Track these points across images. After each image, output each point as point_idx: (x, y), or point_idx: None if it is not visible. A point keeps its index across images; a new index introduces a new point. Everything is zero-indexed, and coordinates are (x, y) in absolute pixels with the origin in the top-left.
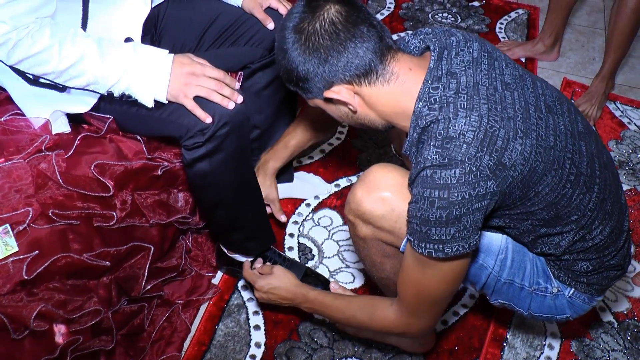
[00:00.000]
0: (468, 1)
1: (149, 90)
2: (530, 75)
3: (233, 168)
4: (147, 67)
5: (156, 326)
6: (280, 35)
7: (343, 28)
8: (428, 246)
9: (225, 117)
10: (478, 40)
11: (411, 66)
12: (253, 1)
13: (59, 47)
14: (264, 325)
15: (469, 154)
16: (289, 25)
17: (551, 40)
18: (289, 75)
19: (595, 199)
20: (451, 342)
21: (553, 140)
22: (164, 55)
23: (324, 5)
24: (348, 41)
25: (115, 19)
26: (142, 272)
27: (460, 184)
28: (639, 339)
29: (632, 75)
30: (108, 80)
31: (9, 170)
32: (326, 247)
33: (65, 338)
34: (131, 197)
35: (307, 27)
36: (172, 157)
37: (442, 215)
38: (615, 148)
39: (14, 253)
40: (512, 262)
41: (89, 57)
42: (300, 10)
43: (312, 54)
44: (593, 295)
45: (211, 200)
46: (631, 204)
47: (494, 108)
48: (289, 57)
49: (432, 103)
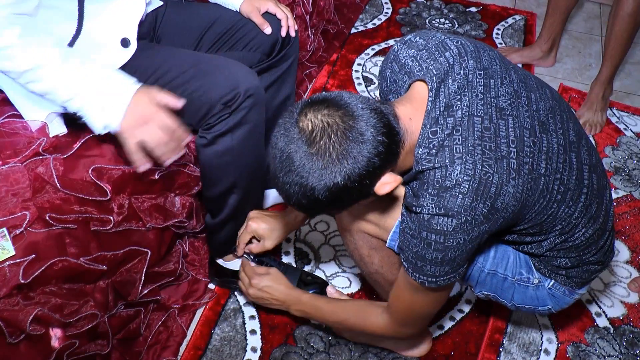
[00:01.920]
0: (465, 7)
1: (101, 118)
2: (525, 84)
3: (251, 145)
4: (105, 95)
5: (152, 330)
6: (304, 179)
7: (357, 126)
8: (422, 277)
9: (252, 89)
10: (473, 52)
11: (410, 115)
12: (251, 5)
13: (22, 47)
14: (260, 329)
15: (465, 204)
16: (313, 165)
17: (548, 46)
18: (334, 202)
19: (581, 208)
20: (448, 347)
21: (544, 166)
22: (128, 85)
23: (323, 125)
24: (372, 131)
25: (111, 20)
26: (139, 276)
27: (456, 232)
28: (634, 345)
29: (629, 81)
30: (62, 94)
31: (6, 173)
32: (322, 252)
33: (61, 342)
34: (128, 201)
35: (329, 151)
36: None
37: (438, 256)
38: (611, 154)
39: (10, 257)
40: (495, 253)
41: (50, 65)
42: (303, 142)
43: (353, 167)
44: (574, 287)
45: (227, 182)
46: (627, 210)
47: (488, 148)
48: (334, 186)
49: (430, 149)
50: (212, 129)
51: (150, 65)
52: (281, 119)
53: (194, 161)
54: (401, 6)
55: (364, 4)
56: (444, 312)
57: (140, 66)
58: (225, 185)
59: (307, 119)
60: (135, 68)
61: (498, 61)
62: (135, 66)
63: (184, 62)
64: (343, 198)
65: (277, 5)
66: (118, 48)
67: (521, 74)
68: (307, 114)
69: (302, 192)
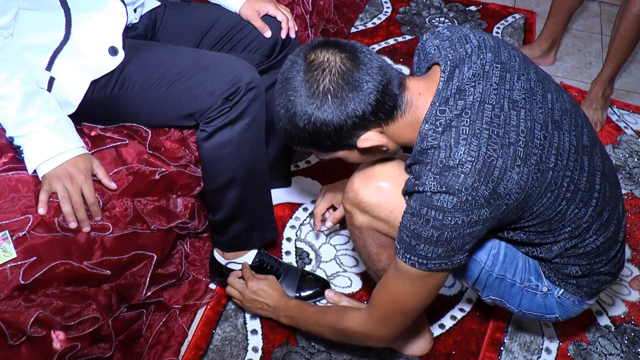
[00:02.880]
0: (465, 5)
1: (35, 164)
2: (543, 85)
3: (251, 139)
4: (47, 149)
5: (153, 331)
6: (291, 102)
7: (357, 74)
8: (413, 258)
9: (253, 82)
10: (493, 47)
11: (420, 90)
12: (250, 8)
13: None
14: (261, 329)
15: (466, 184)
16: (302, 91)
17: (548, 45)
18: (313, 137)
19: (591, 212)
20: (449, 346)
21: (554, 161)
22: (72, 148)
23: (324, 60)
24: (370, 84)
25: (97, 28)
26: (144, 280)
27: (455, 210)
28: (636, 343)
29: (629, 79)
30: (9, 129)
31: (9, 179)
32: (323, 251)
33: (63, 344)
34: (132, 203)
35: (320, 84)
36: (170, 161)
37: (434, 234)
38: (612, 152)
39: (12, 259)
40: (504, 258)
41: (8, 102)
42: (303, 70)
43: (339, 108)
44: (583, 297)
45: (225, 176)
46: (628, 208)
47: (496, 133)
48: (315, 119)
49: (437, 126)
50: (212, 122)
51: (152, 63)
52: (297, 49)
53: (194, 162)
54: (401, 5)
55: (364, 3)
56: (445, 311)
57: (142, 64)
58: (225, 179)
59: (316, 52)
60: (137, 66)
61: (518, 59)
62: (137, 64)
63: (185, 58)
64: (322, 136)
65: (277, 7)
66: (106, 56)
67: (541, 75)
68: (318, 48)
69: (287, 117)
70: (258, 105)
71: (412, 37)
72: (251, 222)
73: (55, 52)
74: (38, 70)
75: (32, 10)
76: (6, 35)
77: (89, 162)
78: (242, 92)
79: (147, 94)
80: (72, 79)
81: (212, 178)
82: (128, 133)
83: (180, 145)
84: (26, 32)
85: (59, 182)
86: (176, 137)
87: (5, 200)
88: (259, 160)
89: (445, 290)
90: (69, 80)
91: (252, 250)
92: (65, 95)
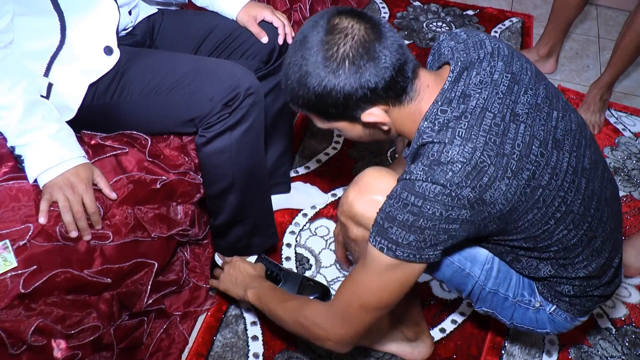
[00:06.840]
0: (462, 10)
1: (36, 173)
2: (550, 102)
3: (250, 143)
4: (49, 157)
5: (154, 338)
6: (305, 61)
7: (379, 46)
8: (383, 241)
9: (252, 88)
10: (506, 56)
11: (429, 83)
12: (247, 15)
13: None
14: (262, 335)
15: (452, 181)
16: (319, 52)
17: (546, 50)
18: (320, 101)
19: (581, 236)
20: (449, 350)
21: (547, 179)
22: (74, 158)
23: (348, 26)
24: (388, 59)
25: (92, 28)
26: (145, 288)
27: (436, 201)
28: (637, 345)
29: (627, 82)
30: (11, 139)
31: (10, 188)
32: (323, 256)
33: (64, 353)
34: (132, 211)
35: (340, 49)
36: (170, 168)
37: (409, 219)
38: (610, 154)
39: (12, 269)
40: (497, 273)
41: (11, 112)
42: (325, 31)
43: (353, 75)
44: (576, 315)
45: (225, 181)
46: (627, 210)
47: (492, 141)
48: (327, 82)
49: (435, 124)
50: (211, 128)
51: (151, 69)
52: (322, 11)
53: (194, 169)
54: (398, 10)
55: (361, 8)
56: (445, 315)
57: (141, 70)
58: (224, 184)
59: (340, 17)
60: (136, 73)
61: (530, 73)
62: (136, 71)
63: (184, 64)
64: (329, 102)
65: (274, 14)
66: (101, 56)
67: (552, 92)
68: (343, 14)
69: (297, 75)
70: (257, 110)
71: (410, 42)
72: (251, 227)
73: (52, 58)
74: (36, 77)
75: (27, 16)
76: (6, 42)
77: (90, 172)
78: (241, 97)
79: (146, 101)
80: (70, 83)
81: (211, 183)
82: (128, 141)
83: (179, 153)
84: (22, 39)
85: (60, 192)
86: (175, 144)
87: (6, 210)
88: (258, 166)
89: (446, 294)
90: (67, 84)
91: (252, 255)
92: (64, 100)
